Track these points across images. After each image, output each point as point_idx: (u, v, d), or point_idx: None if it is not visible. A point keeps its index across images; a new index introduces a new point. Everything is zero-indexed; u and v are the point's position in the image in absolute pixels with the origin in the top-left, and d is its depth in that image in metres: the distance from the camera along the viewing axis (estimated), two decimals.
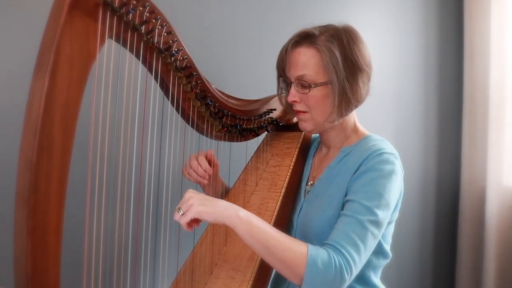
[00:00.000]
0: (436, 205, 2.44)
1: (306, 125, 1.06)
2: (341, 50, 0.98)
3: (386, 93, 2.17)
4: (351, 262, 0.88)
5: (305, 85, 1.01)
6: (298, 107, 1.05)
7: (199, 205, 0.86)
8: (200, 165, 1.11)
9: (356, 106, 1.04)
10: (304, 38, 1.01)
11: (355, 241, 0.89)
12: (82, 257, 0.76)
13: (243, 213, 0.88)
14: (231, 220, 0.86)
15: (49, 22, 0.73)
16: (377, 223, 0.92)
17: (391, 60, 2.20)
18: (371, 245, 0.93)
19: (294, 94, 1.03)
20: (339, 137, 1.09)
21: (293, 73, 1.02)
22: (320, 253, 0.87)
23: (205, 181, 1.14)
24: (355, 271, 0.89)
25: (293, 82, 1.03)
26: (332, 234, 0.92)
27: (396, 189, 0.97)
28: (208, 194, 1.22)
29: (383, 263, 1.07)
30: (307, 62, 1.00)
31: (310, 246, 0.88)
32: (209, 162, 1.13)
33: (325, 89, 1.00)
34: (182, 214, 0.86)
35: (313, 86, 1.00)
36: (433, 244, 2.44)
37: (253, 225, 0.87)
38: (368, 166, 0.97)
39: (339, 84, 0.98)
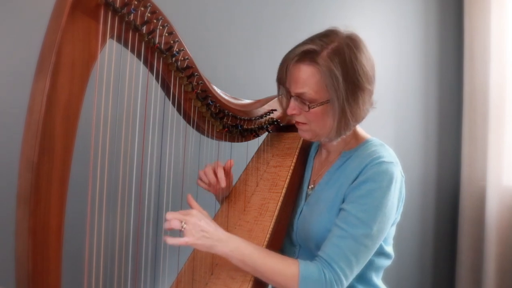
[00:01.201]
0: (436, 205, 2.44)
1: (305, 135, 1.06)
2: (343, 69, 0.94)
3: (386, 93, 2.17)
4: (342, 277, 0.92)
5: (304, 102, 0.98)
6: (298, 118, 1.03)
7: (196, 238, 0.91)
8: (216, 177, 1.13)
9: (354, 126, 1.03)
10: (305, 54, 0.96)
11: (348, 255, 0.92)
12: (83, 257, 0.76)
13: (234, 245, 0.93)
14: (224, 254, 0.93)
15: (51, 22, 0.73)
16: (371, 237, 0.93)
17: (391, 60, 2.20)
18: (365, 257, 0.95)
19: (293, 107, 1.01)
20: (339, 144, 1.08)
21: (293, 89, 0.99)
22: (310, 272, 0.92)
23: (222, 186, 1.16)
24: (346, 283, 0.93)
25: (292, 96, 1.00)
26: (325, 246, 0.95)
27: (394, 200, 0.97)
28: (219, 200, 1.24)
29: (385, 263, 1.07)
30: (306, 80, 0.96)
31: (301, 265, 0.93)
32: (225, 172, 1.15)
33: (325, 107, 0.98)
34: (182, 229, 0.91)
35: (312, 106, 0.97)
36: (433, 244, 2.44)
37: (245, 256, 0.93)
38: (367, 176, 0.96)
39: (339, 105, 0.95)
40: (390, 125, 2.22)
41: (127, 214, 0.93)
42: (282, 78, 1.03)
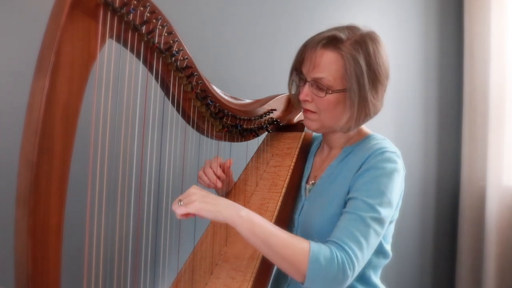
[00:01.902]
0: (436, 205, 2.44)
1: (311, 124, 1.06)
2: (366, 60, 0.96)
3: (386, 93, 2.16)
4: (354, 259, 0.88)
5: (321, 88, 0.99)
6: (308, 106, 1.03)
7: (200, 202, 0.87)
8: (214, 172, 1.12)
9: (372, 118, 1.03)
10: (330, 41, 0.98)
11: (358, 237, 0.90)
12: (82, 256, 0.76)
13: (245, 212, 0.88)
14: (232, 219, 0.87)
15: (50, 22, 0.73)
16: (379, 220, 0.93)
17: (391, 60, 2.19)
18: (374, 242, 0.93)
19: (307, 93, 1.01)
20: (343, 138, 1.08)
21: (311, 73, 1.00)
22: (322, 250, 0.87)
23: (218, 187, 1.15)
24: (358, 268, 0.90)
25: (308, 81, 1.01)
26: (334, 232, 0.93)
27: (397, 188, 0.98)
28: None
29: (383, 262, 1.07)
30: (328, 66, 0.97)
31: (312, 243, 0.88)
32: (224, 170, 1.15)
33: (341, 96, 0.98)
34: (181, 205, 0.87)
35: (329, 92, 0.98)
36: (433, 244, 2.44)
37: (255, 224, 0.87)
38: (370, 165, 0.97)
39: (360, 94, 0.96)
40: (390, 125, 2.22)
41: (127, 213, 0.93)
42: (300, 62, 1.03)
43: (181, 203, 0.87)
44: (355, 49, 0.96)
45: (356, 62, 0.95)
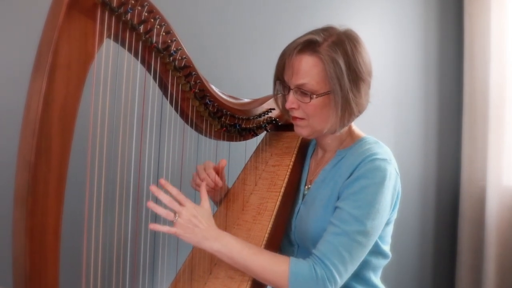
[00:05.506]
0: (436, 205, 2.44)
1: (302, 131, 1.05)
2: (345, 60, 0.95)
3: (386, 93, 2.17)
4: (335, 273, 0.91)
5: (305, 93, 0.98)
6: (296, 113, 1.02)
7: (184, 232, 0.92)
8: (208, 176, 1.12)
9: (357, 116, 1.03)
10: (307, 45, 0.97)
11: (341, 252, 0.92)
12: (81, 257, 0.76)
13: (223, 243, 0.93)
14: (212, 251, 0.94)
15: (47, 22, 0.73)
16: (365, 233, 0.93)
17: (391, 60, 2.20)
18: (359, 254, 0.95)
19: (292, 101, 1.00)
20: (335, 142, 1.08)
21: (293, 81, 0.99)
22: (300, 269, 0.92)
23: (212, 191, 1.16)
24: (341, 281, 0.93)
25: (292, 89, 1.00)
26: (319, 244, 0.95)
27: (388, 197, 0.97)
28: (215, 201, 1.23)
29: (383, 263, 1.07)
30: (309, 71, 0.96)
31: (292, 262, 0.93)
32: (219, 172, 1.14)
33: (326, 98, 0.98)
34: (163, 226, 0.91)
35: (314, 96, 0.97)
36: (433, 244, 2.44)
37: (233, 253, 0.93)
38: (360, 173, 0.96)
39: (342, 95, 0.96)
40: (390, 125, 2.22)
41: (125, 213, 0.93)
42: (281, 71, 1.03)
43: (177, 218, 0.92)
44: (333, 50, 0.95)
45: (335, 63, 0.94)
